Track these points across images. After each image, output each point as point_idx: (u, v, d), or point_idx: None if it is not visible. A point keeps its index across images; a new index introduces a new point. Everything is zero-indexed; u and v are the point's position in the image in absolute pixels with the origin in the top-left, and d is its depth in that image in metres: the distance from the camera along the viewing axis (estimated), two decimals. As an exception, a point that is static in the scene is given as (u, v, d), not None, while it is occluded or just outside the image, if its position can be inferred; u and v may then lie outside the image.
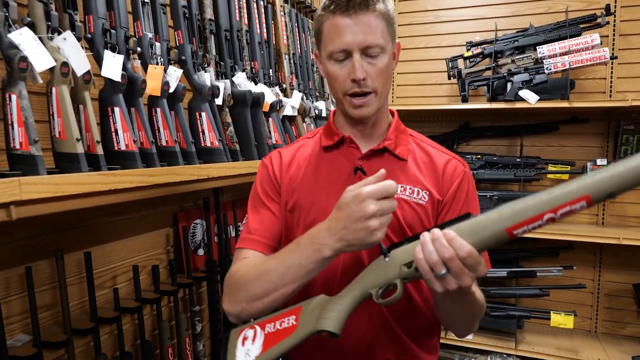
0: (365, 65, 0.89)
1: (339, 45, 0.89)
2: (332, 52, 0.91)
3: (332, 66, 0.92)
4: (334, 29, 0.89)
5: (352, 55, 0.89)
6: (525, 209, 0.65)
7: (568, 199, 0.62)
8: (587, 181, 0.61)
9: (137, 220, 1.44)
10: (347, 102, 0.93)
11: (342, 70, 0.91)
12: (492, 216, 0.69)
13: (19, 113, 0.87)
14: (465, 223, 0.71)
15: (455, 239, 0.69)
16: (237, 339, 0.80)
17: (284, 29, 2.05)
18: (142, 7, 1.24)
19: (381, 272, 0.77)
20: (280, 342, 0.78)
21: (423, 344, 0.99)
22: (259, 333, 0.78)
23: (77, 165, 0.92)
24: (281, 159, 1.05)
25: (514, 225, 0.66)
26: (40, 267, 1.15)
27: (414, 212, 0.94)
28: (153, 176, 0.99)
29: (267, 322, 0.80)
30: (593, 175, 0.61)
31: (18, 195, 0.69)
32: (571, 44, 2.15)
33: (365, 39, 0.88)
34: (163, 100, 1.23)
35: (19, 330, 1.12)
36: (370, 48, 0.88)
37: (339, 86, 0.92)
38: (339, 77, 0.91)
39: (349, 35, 0.88)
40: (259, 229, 1.00)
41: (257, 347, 0.77)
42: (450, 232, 0.70)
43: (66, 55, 0.96)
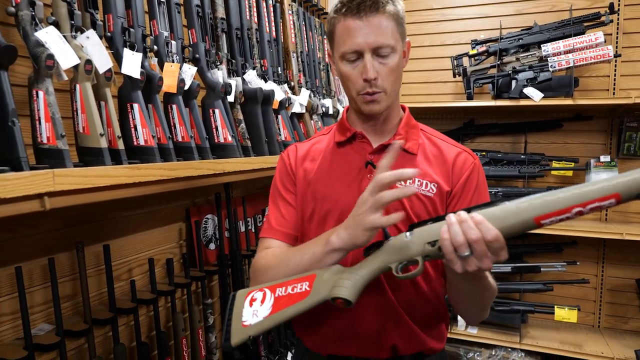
0: (376, 65, 0.93)
1: (351, 46, 0.93)
2: (345, 53, 0.94)
3: (344, 66, 0.96)
4: (346, 30, 0.93)
5: (364, 55, 0.92)
6: (557, 201, 0.68)
7: (599, 195, 0.66)
8: (619, 180, 0.64)
9: (152, 214, 1.48)
10: (360, 100, 0.97)
11: (355, 71, 0.95)
12: (522, 205, 0.71)
13: (46, 109, 0.90)
14: (494, 209, 0.73)
15: (483, 223, 0.72)
16: (244, 299, 0.82)
17: (292, 28, 2.08)
18: (158, 6, 1.27)
19: (403, 248, 0.80)
20: (291, 306, 0.81)
21: (430, 331, 1.02)
22: (269, 296, 0.80)
23: (101, 160, 0.96)
24: (297, 152, 1.10)
25: (544, 215, 0.69)
26: (61, 259, 1.19)
27: (421, 203, 0.97)
28: (173, 170, 1.02)
29: (278, 286, 0.82)
30: (626, 175, 0.65)
31: (52, 187, 0.72)
32: (575, 42, 2.17)
33: (375, 40, 0.91)
34: (179, 97, 1.27)
35: (41, 320, 1.15)
36: (380, 48, 0.92)
37: (352, 85, 0.97)
38: (352, 76, 0.95)
39: (361, 36, 0.91)
40: (280, 220, 1.05)
41: (267, 308, 0.79)
42: (478, 216, 0.73)
43: (89, 53, 1.00)
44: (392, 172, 0.78)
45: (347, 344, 1.00)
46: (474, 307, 0.99)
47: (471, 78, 2.37)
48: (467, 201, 0.99)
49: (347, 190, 1.00)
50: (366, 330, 0.98)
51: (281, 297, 0.79)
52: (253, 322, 0.80)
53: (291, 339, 2.05)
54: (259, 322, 0.79)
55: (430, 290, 1.00)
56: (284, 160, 1.11)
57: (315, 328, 1.04)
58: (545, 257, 2.50)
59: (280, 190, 1.09)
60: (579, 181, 2.45)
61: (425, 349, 1.00)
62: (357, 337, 1.00)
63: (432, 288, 1.00)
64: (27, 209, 0.71)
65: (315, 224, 1.01)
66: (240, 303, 0.82)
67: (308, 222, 1.03)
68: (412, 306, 0.99)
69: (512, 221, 0.72)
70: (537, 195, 0.72)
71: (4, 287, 1.07)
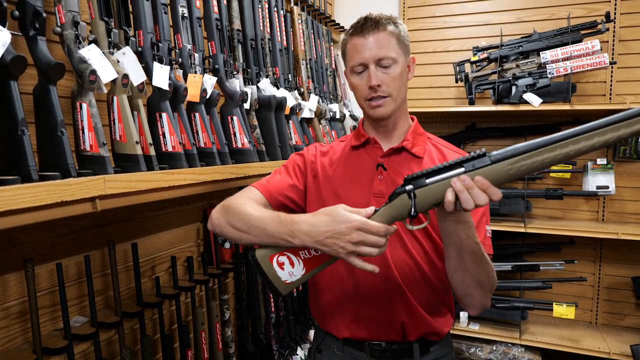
0: (380, 75, 1.07)
1: (357, 60, 1.09)
2: (353, 66, 1.10)
3: (354, 78, 1.12)
4: (353, 48, 1.10)
5: (369, 67, 1.07)
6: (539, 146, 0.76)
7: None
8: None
9: (174, 215, 1.57)
10: (367, 106, 1.11)
11: (362, 81, 1.10)
12: (511, 159, 0.77)
13: (89, 119, 1.00)
14: (493, 167, 0.78)
15: (490, 187, 0.79)
16: (270, 264, 0.92)
17: (301, 36, 2.18)
18: (182, 21, 1.36)
19: (407, 207, 0.86)
20: (321, 264, 0.92)
21: (434, 313, 1.11)
22: (295, 259, 0.91)
23: (137, 165, 1.05)
24: (317, 150, 1.22)
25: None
26: (93, 256, 1.28)
27: None
28: (202, 174, 1.12)
29: (300, 249, 0.92)
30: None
31: (103, 190, 0.81)
32: (573, 49, 2.26)
33: (377, 53, 1.07)
34: (201, 106, 1.36)
35: (76, 313, 1.25)
36: (382, 60, 1.07)
37: (360, 94, 1.12)
38: (359, 86, 1.11)
39: (365, 51, 1.07)
40: (272, 182, 1.16)
41: (300, 269, 0.91)
42: (484, 181, 0.79)
43: (125, 68, 1.09)
44: (383, 226, 0.86)
45: (360, 327, 1.10)
46: (475, 284, 1.01)
47: (473, 84, 2.46)
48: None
49: (358, 188, 1.12)
50: (377, 313, 1.08)
51: (308, 259, 0.90)
52: (294, 280, 0.92)
53: (300, 334, 2.15)
54: (298, 279, 0.92)
55: (437, 280, 1.09)
56: (302, 155, 1.22)
57: (331, 313, 1.14)
58: (544, 256, 2.59)
59: (288, 168, 1.20)
60: (576, 183, 2.54)
61: (430, 331, 1.09)
62: (369, 320, 1.10)
63: (438, 278, 1.09)
64: (81, 211, 0.80)
65: None
66: (268, 266, 0.91)
67: None
68: (421, 294, 1.08)
69: (508, 175, 0.78)
70: (523, 144, 0.78)
71: (44, 282, 1.17)
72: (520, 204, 2.43)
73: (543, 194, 2.43)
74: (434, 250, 1.08)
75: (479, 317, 2.53)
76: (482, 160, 0.79)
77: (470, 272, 0.98)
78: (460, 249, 0.95)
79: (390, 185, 1.08)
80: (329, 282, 1.13)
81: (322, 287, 1.15)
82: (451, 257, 0.99)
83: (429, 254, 1.08)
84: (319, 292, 1.16)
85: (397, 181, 1.08)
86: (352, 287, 1.10)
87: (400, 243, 1.07)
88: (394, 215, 0.87)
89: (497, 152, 0.79)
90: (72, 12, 1.01)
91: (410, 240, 1.07)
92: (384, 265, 1.06)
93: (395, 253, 1.07)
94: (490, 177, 0.78)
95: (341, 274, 1.11)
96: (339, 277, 1.11)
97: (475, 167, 0.79)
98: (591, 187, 2.41)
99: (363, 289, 1.09)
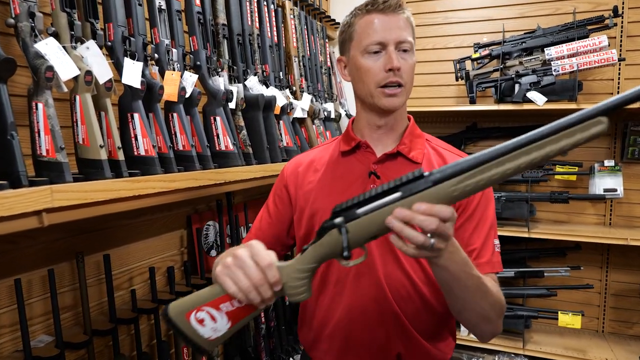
0: (399, 59, 0.95)
1: (376, 37, 0.95)
2: (368, 45, 0.96)
3: (365, 60, 0.97)
4: (370, 24, 0.96)
5: (387, 47, 0.95)
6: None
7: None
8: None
9: (153, 222, 1.47)
10: (379, 94, 0.97)
11: (376, 63, 0.96)
12: (454, 179, 0.65)
13: (45, 121, 0.89)
14: (434, 190, 0.65)
15: (436, 207, 0.64)
16: (188, 322, 0.77)
17: (293, 32, 2.07)
18: (159, 14, 1.26)
19: (339, 244, 0.72)
20: (248, 315, 0.78)
21: (435, 342, 1.01)
22: (217, 314, 0.76)
23: (101, 172, 0.95)
24: (297, 169, 1.09)
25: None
26: (61, 269, 1.18)
27: None
28: (174, 181, 1.01)
29: (219, 301, 0.78)
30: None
31: (50, 203, 0.71)
32: (579, 45, 2.15)
33: (400, 34, 0.95)
34: (180, 106, 1.25)
35: (40, 332, 1.15)
36: (403, 43, 0.95)
37: (372, 79, 0.96)
38: (372, 69, 0.96)
39: (386, 30, 0.94)
40: (255, 227, 1.12)
41: (224, 322, 0.77)
42: (425, 205, 0.65)
43: (89, 64, 0.99)
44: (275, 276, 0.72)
45: (351, 356, 0.99)
46: (477, 315, 0.90)
47: (474, 82, 2.35)
48: (472, 208, 0.97)
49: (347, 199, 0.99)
50: (370, 341, 0.97)
51: (232, 311, 0.76)
52: (219, 335, 0.78)
53: (293, 345, 2.04)
54: (224, 333, 0.78)
55: (438, 302, 0.98)
56: (283, 174, 1.11)
57: (320, 339, 1.03)
58: (549, 262, 2.49)
59: (269, 199, 1.13)
60: (582, 185, 2.43)
61: None
62: (362, 349, 0.99)
63: (439, 300, 0.98)
64: (24, 226, 0.70)
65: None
66: (185, 325, 0.76)
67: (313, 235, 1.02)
68: (418, 317, 0.98)
69: (454, 197, 0.65)
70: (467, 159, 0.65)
71: (4, 299, 1.07)
72: (523, 207, 2.32)
73: (548, 197, 2.33)
74: None
75: (480, 326, 2.43)
76: (420, 183, 0.66)
77: (477, 310, 0.86)
78: (462, 289, 0.82)
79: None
80: (319, 306, 1.03)
81: (311, 311, 1.04)
82: (453, 300, 0.87)
83: (428, 273, 0.97)
84: (306, 316, 1.06)
85: None
86: (344, 312, 0.98)
87: (395, 261, 0.96)
88: (323, 254, 0.73)
89: (437, 170, 0.66)
90: (28, 2, 0.90)
91: (406, 257, 0.96)
92: (376, 287, 0.95)
93: (389, 273, 0.96)
94: (433, 201, 0.65)
95: (331, 297, 1.00)
96: (328, 300, 1.01)
97: (413, 192, 0.66)
98: (598, 190, 2.31)
99: (354, 314, 0.98)
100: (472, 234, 0.96)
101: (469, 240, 0.95)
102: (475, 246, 0.95)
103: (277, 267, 0.73)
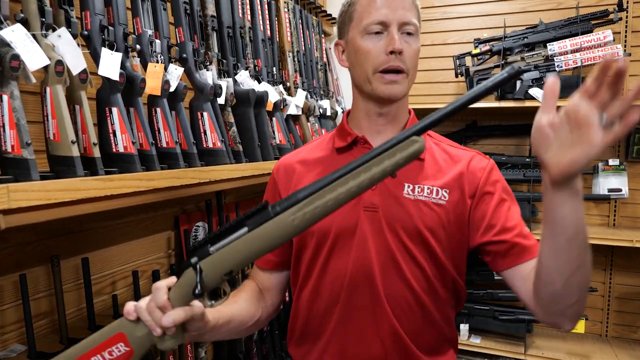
0: (402, 42, 0.87)
1: (377, 16, 0.87)
2: (368, 24, 0.88)
3: (365, 41, 0.89)
4: (372, 2, 0.88)
5: (389, 28, 0.87)
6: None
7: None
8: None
9: (137, 223, 1.40)
10: (377, 80, 0.88)
11: (377, 45, 0.88)
12: (292, 209, 0.65)
13: (10, 114, 0.82)
14: (277, 220, 0.65)
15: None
16: None
17: (287, 26, 2.00)
18: (141, 3, 1.19)
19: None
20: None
21: (434, 354, 0.93)
22: None
23: (73, 169, 0.87)
24: (287, 170, 1.01)
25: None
26: (36, 273, 1.11)
27: (433, 213, 0.89)
28: (152, 180, 0.94)
29: (87, 357, 0.73)
30: None
31: (6, 204, 0.64)
32: (582, 40, 2.09)
33: (404, 15, 0.87)
34: (163, 100, 1.18)
35: (14, 340, 1.07)
36: (407, 25, 0.87)
37: (371, 62, 0.88)
38: (372, 51, 0.88)
39: (389, 9, 0.87)
40: None
41: None
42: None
43: (61, 53, 0.92)
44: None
45: None
46: (584, 279, 0.70)
47: (474, 78, 2.28)
48: (496, 201, 0.90)
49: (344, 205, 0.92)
50: (366, 357, 0.90)
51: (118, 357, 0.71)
52: None
53: (286, 350, 1.97)
54: None
55: (440, 313, 0.91)
56: (273, 179, 1.03)
57: (312, 353, 0.95)
58: (551, 264, 2.42)
59: None
60: (586, 185, 2.36)
61: None
62: None
63: (441, 311, 0.91)
64: (-22, 229, 0.63)
65: (310, 250, 0.93)
66: None
67: (304, 242, 0.94)
68: (419, 333, 0.90)
69: (296, 226, 0.66)
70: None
71: (-28, 306, 1.00)
72: (525, 208, 2.25)
73: (550, 197, 2.25)
74: (438, 277, 0.89)
75: (480, 330, 2.36)
76: (264, 215, 0.66)
77: (587, 268, 0.68)
78: (581, 237, 0.66)
79: (386, 196, 0.89)
80: (312, 316, 0.95)
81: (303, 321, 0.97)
82: (565, 257, 0.67)
83: (431, 281, 0.89)
84: (296, 327, 0.98)
85: (394, 191, 0.89)
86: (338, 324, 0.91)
87: (395, 269, 0.88)
88: (184, 295, 0.69)
89: (280, 201, 0.66)
90: (-8, -15, 0.83)
91: (408, 265, 0.88)
92: (374, 299, 0.87)
93: (389, 283, 0.87)
94: (276, 232, 0.65)
95: (324, 308, 0.93)
96: (322, 311, 0.93)
97: (258, 223, 0.66)
98: (602, 190, 2.24)
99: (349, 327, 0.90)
100: (509, 211, 0.90)
101: (507, 217, 0.89)
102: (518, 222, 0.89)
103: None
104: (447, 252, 0.89)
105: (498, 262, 0.88)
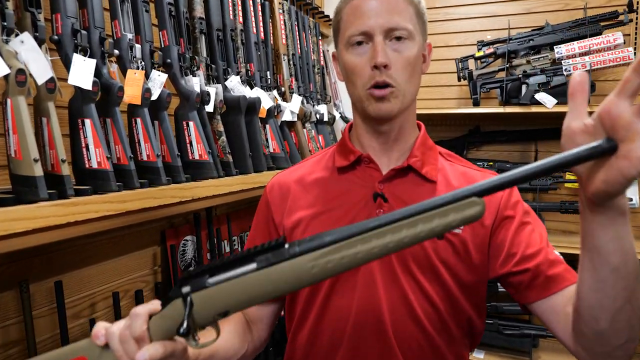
0: (389, 52, 0.77)
1: (358, 26, 0.77)
2: (350, 36, 0.79)
3: (349, 56, 0.80)
4: (354, 11, 0.79)
5: (374, 38, 0.77)
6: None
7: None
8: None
9: (119, 240, 1.31)
10: (366, 97, 0.79)
11: (361, 58, 0.78)
12: (314, 253, 0.55)
13: (-38, 130, 0.74)
14: (292, 263, 0.55)
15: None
16: None
17: (282, 28, 1.91)
18: (120, 5, 1.10)
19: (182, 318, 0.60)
20: None
21: None
22: None
23: (35, 191, 0.78)
24: (282, 191, 0.91)
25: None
26: (5, 299, 1.02)
27: (448, 243, 0.80)
28: (124, 202, 0.85)
29: None
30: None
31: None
32: (591, 43, 1.99)
33: (389, 20, 0.76)
34: (144, 110, 1.09)
35: (-20, 372, 0.99)
36: (395, 30, 0.77)
37: (359, 79, 0.79)
38: (357, 67, 0.78)
39: (372, 16, 0.76)
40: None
41: None
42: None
43: (24, 61, 0.83)
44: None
45: None
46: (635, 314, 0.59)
47: (477, 82, 2.19)
48: (516, 225, 0.80)
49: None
50: None
51: None
52: None
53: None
54: None
55: (453, 355, 0.82)
56: (267, 200, 0.94)
57: None
58: (557, 275, 2.32)
59: (257, 227, 0.95)
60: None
61: None
62: None
63: (454, 352, 0.82)
64: None
65: (307, 287, 0.84)
66: None
67: None
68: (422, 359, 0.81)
69: (314, 275, 0.55)
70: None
71: None
72: (531, 217, 2.16)
73: (558, 207, 2.16)
74: (452, 316, 0.80)
75: (484, 344, 2.26)
76: (278, 253, 0.55)
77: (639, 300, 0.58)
78: (630, 266, 0.56)
79: None
80: (313, 342, 0.86)
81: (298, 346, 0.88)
82: (610, 292, 0.57)
83: (443, 317, 0.80)
84: (296, 350, 0.89)
85: None
86: None
87: (405, 306, 0.79)
88: (167, 328, 0.59)
89: (300, 241, 0.55)
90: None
91: (420, 304, 0.78)
92: (382, 339, 0.78)
93: (398, 319, 0.79)
94: (289, 277, 0.55)
95: (326, 351, 0.84)
96: (323, 353, 0.84)
97: (270, 262, 0.55)
98: (611, 199, 2.14)
99: None
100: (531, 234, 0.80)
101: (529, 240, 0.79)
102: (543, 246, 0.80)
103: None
104: (463, 288, 0.80)
105: (522, 294, 0.78)
